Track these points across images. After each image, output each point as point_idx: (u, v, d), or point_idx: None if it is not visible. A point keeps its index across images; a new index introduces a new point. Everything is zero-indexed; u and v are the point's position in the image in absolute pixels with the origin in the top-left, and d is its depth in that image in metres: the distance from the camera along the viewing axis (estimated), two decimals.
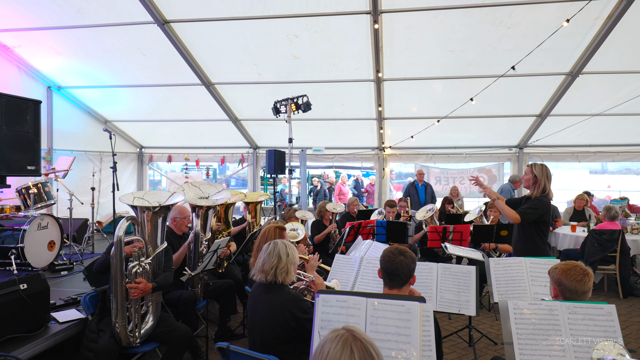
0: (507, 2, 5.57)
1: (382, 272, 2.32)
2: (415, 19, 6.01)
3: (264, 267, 2.56)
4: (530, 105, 8.23)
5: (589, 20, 5.79)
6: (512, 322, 2.07)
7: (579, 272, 2.18)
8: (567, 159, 10.05)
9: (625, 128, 8.97)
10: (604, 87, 7.47)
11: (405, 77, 7.37)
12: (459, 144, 10.03)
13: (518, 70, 6.56)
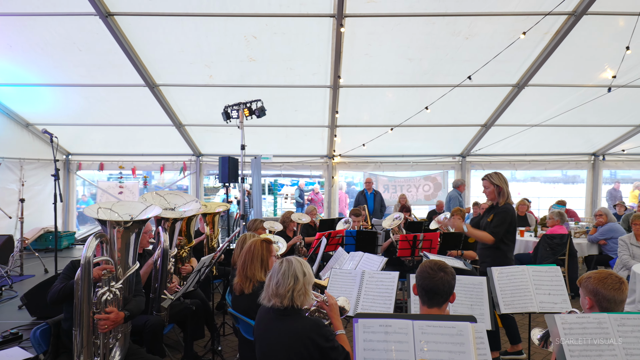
0: (468, 12, 5.67)
1: (419, 290, 2.09)
2: (377, 25, 5.94)
3: (279, 291, 2.21)
4: (477, 115, 8.52)
5: (539, 34, 6.06)
6: (563, 338, 1.92)
7: (615, 280, 2.11)
8: (504, 167, 10.56)
9: (557, 139, 9.61)
10: (543, 99, 7.91)
11: (362, 84, 7.29)
12: (406, 152, 10.17)
13: (469, 81, 6.74)
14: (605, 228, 6.81)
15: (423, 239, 5.23)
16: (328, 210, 10.27)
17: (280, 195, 19.06)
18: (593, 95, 7.48)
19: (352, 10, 5.61)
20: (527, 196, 11.65)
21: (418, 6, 5.56)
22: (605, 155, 10.31)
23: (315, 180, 14.88)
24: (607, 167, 10.63)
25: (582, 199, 10.92)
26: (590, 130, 9.32)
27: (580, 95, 7.59)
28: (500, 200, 4.04)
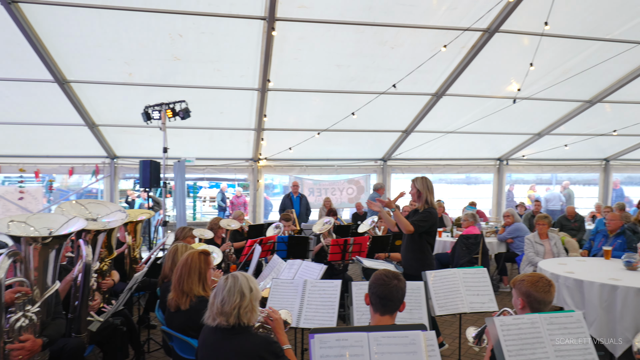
0: (394, 23, 5.88)
1: (372, 298, 2.10)
2: (308, 31, 5.96)
3: (225, 309, 2.10)
4: (399, 121, 8.89)
5: (457, 48, 6.47)
6: (502, 339, 2.05)
7: (545, 283, 2.29)
8: (422, 171, 11.13)
9: (468, 144, 10.33)
10: (458, 108, 8.45)
11: (291, 88, 7.27)
12: (331, 156, 10.33)
13: (393, 88, 7.02)
14: (512, 228, 7.45)
15: (353, 242, 5.33)
16: (253, 215, 10.10)
17: (199, 198, 18.43)
18: (500, 106, 8.14)
19: (283, 14, 5.57)
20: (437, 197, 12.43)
21: (348, 14, 5.66)
22: (509, 160, 11.29)
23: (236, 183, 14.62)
24: (509, 171, 11.66)
25: (486, 199, 11.85)
26: (496, 138, 10.15)
27: (489, 105, 8.23)
28: (419, 205, 4.26)
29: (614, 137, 9.82)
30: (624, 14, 5.92)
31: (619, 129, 9.38)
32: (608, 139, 10.03)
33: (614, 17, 6.01)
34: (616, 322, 4.17)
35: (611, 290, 4.20)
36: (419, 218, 4.18)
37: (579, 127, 9.43)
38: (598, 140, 10.11)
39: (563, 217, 8.96)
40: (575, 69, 7.04)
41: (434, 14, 5.79)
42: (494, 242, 7.44)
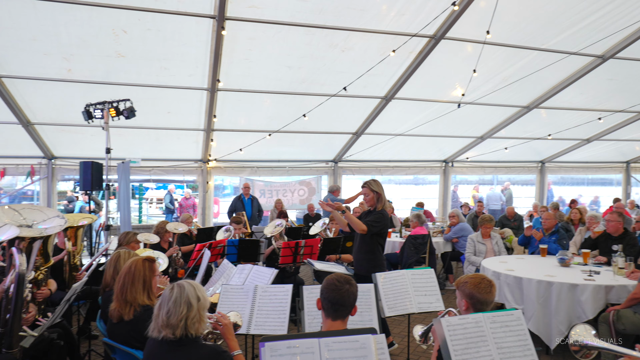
0: (345, 27, 5.94)
1: (324, 303, 2.10)
2: (259, 31, 5.89)
3: (171, 321, 2.02)
4: (350, 123, 9.00)
5: (405, 53, 6.64)
6: (448, 339, 2.12)
7: (487, 284, 2.39)
8: (372, 172, 11.35)
9: (415, 147, 10.64)
10: (406, 111, 8.67)
11: (241, 88, 7.16)
12: (282, 157, 10.29)
13: (344, 91, 7.10)
14: (457, 227, 7.75)
15: (304, 245, 5.33)
16: (203, 217, 9.87)
17: (145, 200, 17.78)
18: (446, 110, 8.45)
19: (233, 14, 5.47)
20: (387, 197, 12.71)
21: (299, 16, 5.65)
22: (454, 162, 11.73)
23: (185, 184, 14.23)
24: (454, 172, 12.11)
25: (434, 200, 12.25)
26: (442, 140, 10.51)
27: (435, 109, 8.51)
28: (379, 206, 4.34)
29: (548, 140, 10.46)
30: (558, 26, 6.31)
31: (553, 133, 10.01)
32: (544, 142, 10.66)
33: (549, 29, 6.38)
34: (552, 316, 4.43)
35: (547, 286, 4.46)
36: (373, 219, 4.24)
37: (518, 131, 9.95)
38: (535, 143, 10.72)
39: (503, 216, 9.42)
40: (515, 76, 7.42)
41: (383, 19, 5.90)
42: (440, 242, 7.70)
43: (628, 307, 3.99)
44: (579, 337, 1.77)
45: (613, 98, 8.80)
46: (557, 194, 15.79)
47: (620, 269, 4.65)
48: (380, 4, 5.67)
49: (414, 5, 5.67)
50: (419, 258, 7.09)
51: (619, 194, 13.11)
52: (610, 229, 5.26)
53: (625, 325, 3.93)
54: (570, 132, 9.94)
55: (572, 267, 5.05)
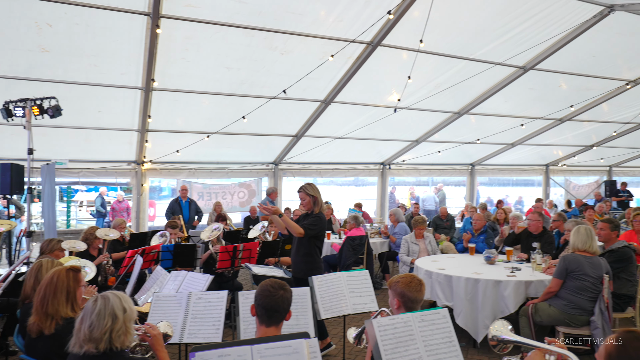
0: (284, 30, 5.96)
1: (258, 309, 2.09)
2: (196, 31, 5.77)
3: (94, 334, 1.92)
4: (290, 126, 9.02)
5: (344, 58, 6.77)
6: (379, 339, 2.19)
7: (417, 283, 2.50)
8: (312, 174, 11.47)
9: (354, 150, 10.86)
10: (345, 115, 8.84)
11: (178, 88, 6.96)
12: (222, 159, 10.12)
13: (283, 94, 7.12)
14: (397, 227, 8.01)
15: (243, 249, 5.28)
16: (137, 222, 9.47)
17: (75, 203, 16.76)
18: (383, 114, 8.71)
19: (168, 12, 5.31)
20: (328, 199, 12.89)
21: (238, 17, 5.60)
22: (391, 164, 12.10)
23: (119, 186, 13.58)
24: (392, 174, 12.50)
25: (373, 201, 12.57)
26: (380, 144, 10.81)
27: (373, 113, 8.75)
28: (316, 209, 4.41)
29: (477, 144, 11.09)
30: (485, 38, 6.72)
31: (482, 137, 10.62)
32: (473, 146, 11.29)
33: (477, 40, 6.78)
34: (478, 311, 4.71)
35: (474, 283, 4.73)
36: (310, 222, 4.29)
37: (450, 135, 10.46)
38: (465, 147, 11.33)
39: (437, 217, 9.84)
40: (446, 83, 7.80)
41: (322, 24, 5.98)
42: (377, 242, 7.92)
43: (544, 301, 4.32)
44: (497, 332, 1.90)
45: (533, 106, 9.50)
46: (486, 194, 16.80)
47: (538, 265, 5.03)
48: (319, 10, 5.75)
49: (351, 12, 5.80)
50: (357, 259, 7.25)
51: (540, 194, 14.15)
52: (531, 228, 5.69)
53: (542, 317, 4.26)
54: (497, 137, 10.60)
55: (497, 265, 5.39)
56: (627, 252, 4.61)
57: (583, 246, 4.19)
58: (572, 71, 8.05)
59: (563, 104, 9.37)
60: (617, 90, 9.04)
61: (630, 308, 4.60)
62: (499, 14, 6.20)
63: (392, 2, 5.65)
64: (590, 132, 11.67)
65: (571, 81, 8.47)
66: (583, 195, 14.52)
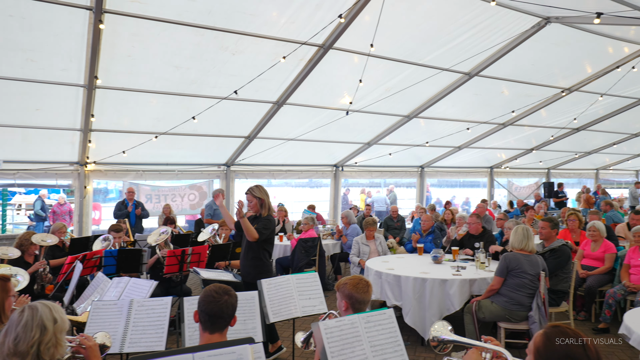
0: (235, 30, 5.88)
1: (202, 316, 2.03)
2: (143, 27, 5.57)
3: (19, 348, 1.79)
4: (242, 127, 8.91)
5: (296, 60, 6.77)
6: (326, 342, 2.20)
7: (364, 284, 2.54)
8: (265, 176, 11.37)
9: (307, 151, 10.88)
10: (298, 117, 8.84)
11: (124, 87, 6.70)
12: (171, 160, 9.83)
13: (235, 95, 7.02)
14: (349, 229, 8.09)
15: (192, 252, 5.15)
16: (79, 226, 9.01)
17: (12, 207, 15.77)
18: (335, 117, 8.79)
19: (113, 7, 5.10)
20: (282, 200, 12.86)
21: (187, 15, 5.46)
22: (344, 166, 12.23)
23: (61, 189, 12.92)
24: (345, 176, 12.63)
25: (327, 202, 12.65)
26: (333, 146, 10.89)
27: (326, 115, 8.81)
28: (263, 212, 4.38)
29: (426, 147, 11.42)
30: (432, 44, 6.93)
31: (430, 140, 10.96)
32: (422, 149, 11.62)
33: (425, 46, 6.98)
34: (426, 310, 4.84)
35: (422, 282, 4.86)
36: (262, 225, 4.26)
37: (400, 138, 10.71)
38: (415, 149, 11.64)
39: (388, 217, 10.04)
40: (396, 87, 7.98)
41: (274, 25, 5.95)
42: (330, 244, 7.97)
43: (487, 298, 4.51)
44: (437, 332, 1.96)
45: (478, 111, 9.92)
46: (436, 195, 17.35)
47: (481, 264, 5.24)
48: (270, 11, 5.71)
49: (303, 14, 5.80)
50: (310, 261, 7.26)
51: (486, 195, 14.77)
52: (472, 230, 5.96)
53: (484, 314, 4.44)
54: (445, 140, 10.97)
55: (444, 264, 5.57)
56: (566, 250, 4.90)
57: (519, 245, 4.42)
58: (514, 78, 8.47)
59: (505, 109, 9.84)
60: (554, 97, 9.61)
61: (564, 302, 4.89)
62: (446, 22, 6.42)
63: (343, 6, 5.71)
64: (530, 136, 12.32)
65: (512, 88, 8.91)
66: (524, 196, 15.31)
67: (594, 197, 12.32)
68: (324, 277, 7.50)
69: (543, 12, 6.41)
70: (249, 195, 4.36)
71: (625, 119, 11.66)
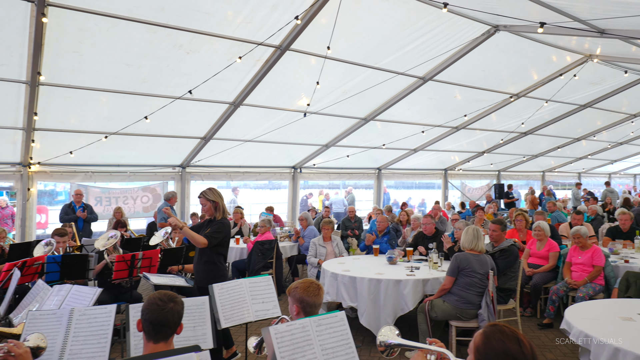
0: (189, 28, 5.74)
1: (145, 325, 1.95)
2: (90, 22, 5.33)
3: None
4: (198, 127, 8.72)
5: (252, 60, 6.70)
6: (276, 347, 2.17)
7: (315, 287, 2.53)
8: (222, 178, 11.20)
9: (265, 153, 10.79)
10: (255, 118, 8.74)
11: (70, 84, 6.39)
12: (123, 162, 9.49)
13: (189, 94, 6.87)
14: (307, 231, 8.08)
15: (142, 257, 4.97)
16: (22, 230, 8.50)
17: None
18: (293, 118, 8.76)
19: (57, 0, 4.85)
20: (240, 202, 12.71)
21: (137, 12, 5.28)
22: (302, 168, 12.22)
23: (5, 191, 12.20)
24: (303, 178, 12.63)
25: (286, 204, 12.61)
26: (291, 147, 10.86)
27: (284, 117, 8.77)
28: (217, 215, 4.28)
29: (383, 149, 11.61)
30: (388, 48, 7.04)
31: (387, 143, 11.14)
32: (379, 151, 11.80)
33: (381, 50, 7.09)
34: (380, 310, 4.89)
35: (376, 283, 4.92)
36: (214, 230, 4.15)
37: (358, 140, 10.82)
38: (372, 152, 11.80)
39: (346, 218, 10.11)
40: (353, 90, 8.06)
41: (229, 24, 5.85)
42: (287, 246, 7.93)
43: (439, 297, 4.62)
44: (384, 337, 1.98)
45: (433, 114, 10.18)
46: (394, 197, 17.67)
47: (434, 264, 5.36)
48: (225, 10, 5.62)
49: (259, 14, 5.74)
50: (266, 263, 7.19)
51: (440, 196, 15.18)
52: (426, 231, 6.10)
53: (437, 313, 4.54)
54: (401, 142, 11.18)
55: (399, 264, 5.66)
56: (514, 250, 5.10)
57: (470, 245, 4.56)
58: (466, 83, 8.75)
59: (458, 113, 10.16)
60: (503, 103, 10.01)
61: (512, 300, 5.09)
62: (401, 27, 6.54)
63: (300, 8, 5.69)
64: (481, 139, 12.78)
65: (465, 93, 9.21)
66: (476, 197, 15.85)
67: (538, 199, 12.91)
68: (281, 279, 7.44)
69: (492, 20, 6.66)
70: (202, 199, 4.25)
71: (568, 124, 12.33)
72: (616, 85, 10.06)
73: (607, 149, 15.97)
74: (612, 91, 10.39)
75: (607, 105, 11.35)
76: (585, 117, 12.07)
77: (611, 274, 5.47)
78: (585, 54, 8.35)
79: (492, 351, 1.56)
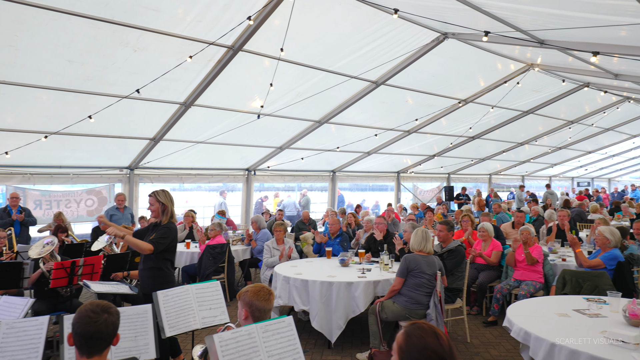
0: (136, 25, 5.53)
1: (77, 339, 1.82)
2: (27, 15, 5.02)
3: None
4: (147, 128, 8.42)
5: (204, 60, 6.55)
6: (220, 355, 2.11)
7: (266, 292, 2.48)
8: (173, 181, 10.88)
9: (218, 155, 10.59)
10: (207, 119, 8.56)
11: (6, 80, 5.99)
12: (65, 163, 9.00)
13: (137, 94, 6.62)
14: (259, 234, 7.98)
15: (83, 264, 4.73)
16: None
17: None
18: (247, 120, 8.65)
19: None
20: (193, 205, 12.38)
21: (80, 5, 5.02)
22: (256, 170, 12.08)
23: None
24: (257, 180, 12.49)
25: (239, 207, 12.42)
26: (244, 149, 10.70)
27: (237, 118, 8.63)
28: (164, 219, 4.12)
29: (337, 152, 11.69)
30: (341, 51, 7.10)
31: (341, 146, 11.23)
32: (334, 153, 11.88)
33: (334, 53, 7.13)
34: (332, 313, 4.90)
35: (328, 286, 4.92)
36: (159, 235, 3.98)
37: (312, 143, 10.83)
38: (327, 154, 11.86)
39: (300, 221, 10.10)
40: (307, 92, 8.06)
41: (179, 22, 5.69)
42: (239, 250, 7.80)
43: (389, 298, 4.68)
44: None
45: (385, 118, 10.36)
46: (348, 199, 17.81)
47: (385, 265, 5.44)
48: (175, 7, 5.46)
49: (211, 13, 5.63)
50: (218, 268, 7.04)
51: (393, 198, 15.47)
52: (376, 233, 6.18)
53: (387, 314, 4.60)
54: (354, 145, 11.30)
55: (351, 267, 5.69)
56: (461, 250, 5.26)
57: (418, 247, 4.66)
58: (417, 88, 8.97)
59: (410, 117, 10.40)
60: (452, 108, 10.35)
61: (459, 299, 5.24)
62: (353, 31, 6.61)
63: (252, 8, 5.63)
64: (432, 143, 13.16)
65: (416, 97, 9.44)
66: (428, 199, 16.29)
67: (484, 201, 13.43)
68: (233, 284, 7.31)
69: (441, 27, 6.86)
70: (152, 198, 4.08)
71: (513, 129, 12.93)
72: (555, 93, 10.66)
73: (547, 153, 16.88)
74: (552, 99, 11.00)
75: (548, 112, 12.02)
76: (528, 123, 12.71)
77: (550, 272, 5.76)
78: (528, 62, 8.79)
79: (414, 347, 1.63)
